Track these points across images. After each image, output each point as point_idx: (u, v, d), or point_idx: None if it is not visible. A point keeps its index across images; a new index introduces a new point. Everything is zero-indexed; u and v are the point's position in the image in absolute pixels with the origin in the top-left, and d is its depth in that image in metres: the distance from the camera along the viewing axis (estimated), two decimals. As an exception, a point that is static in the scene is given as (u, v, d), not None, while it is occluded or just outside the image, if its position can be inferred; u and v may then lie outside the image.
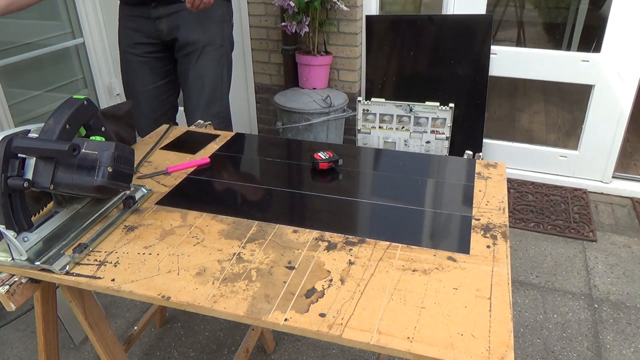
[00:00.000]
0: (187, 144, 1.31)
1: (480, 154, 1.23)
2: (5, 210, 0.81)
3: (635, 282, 1.98)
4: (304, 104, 2.61)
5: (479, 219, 0.96)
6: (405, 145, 2.63)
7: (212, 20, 1.77)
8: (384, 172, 1.14)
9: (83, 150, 0.85)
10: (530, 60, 2.52)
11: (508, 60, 2.53)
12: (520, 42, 3.80)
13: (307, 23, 2.49)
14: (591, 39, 2.67)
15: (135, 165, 1.08)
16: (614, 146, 2.54)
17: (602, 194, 2.62)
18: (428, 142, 2.59)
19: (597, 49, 2.42)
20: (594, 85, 2.47)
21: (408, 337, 0.69)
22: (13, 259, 0.84)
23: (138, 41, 1.76)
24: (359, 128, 2.68)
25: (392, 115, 2.59)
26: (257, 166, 1.20)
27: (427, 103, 2.51)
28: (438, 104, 2.49)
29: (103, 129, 0.96)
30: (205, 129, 1.42)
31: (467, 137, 2.61)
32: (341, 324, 0.70)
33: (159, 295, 0.77)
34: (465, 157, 1.22)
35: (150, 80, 1.83)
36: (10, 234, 0.83)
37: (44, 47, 2.97)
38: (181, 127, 1.42)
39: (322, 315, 0.72)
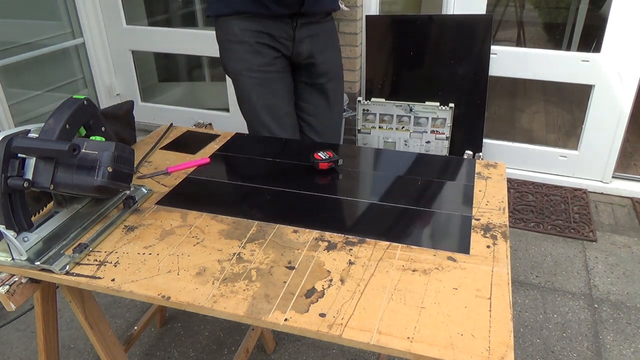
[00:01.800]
0: (187, 144, 1.31)
1: (480, 154, 1.23)
2: (5, 210, 0.81)
3: (635, 282, 1.98)
4: (304, 104, 2.61)
5: (479, 219, 0.96)
6: (405, 145, 2.63)
7: (338, 42, 1.69)
8: (384, 172, 1.14)
9: (83, 150, 0.85)
10: (530, 60, 2.52)
11: (508, 60, 2.53)
12: (520, 42, 3.80)
13: (307, 23, 2.48)
14: (591, 39, 2.67)
15: (135, 165, 1.08)
16: (614, 146, 2.54)
17: (602, 194, 2.62)
18: (428, 142, 2.59)
19: (597, 49, 2.42)
20: (594, 85, 2.47)
21: (408, 337, 0.69)
22: (13, 259, 0.84)
23: (274, 56, 1.54)
24: (359, 128, 2.68)
25: (392, 115, 2.59)
26: (257, 166, 1.20)
27: (427, 103, 2.51)
28: (438, 104, 2.49)
29: (103, 129, 0.96)
30: (205, 129, 1.42)
31: (467, 137, 2.61)
32: (341, 324, 0.70)
33: (159, 295, 0.77)
34: (465, 157, 1.22)
35: (289, 98, 1.63)
36: (10, 234, 0.83)
37: (44, 47, 2.97)
38: (181, 127, 1.42)
39: (322, 315, 0.72)
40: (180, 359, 1.69)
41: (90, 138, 0.90)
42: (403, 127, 2.60)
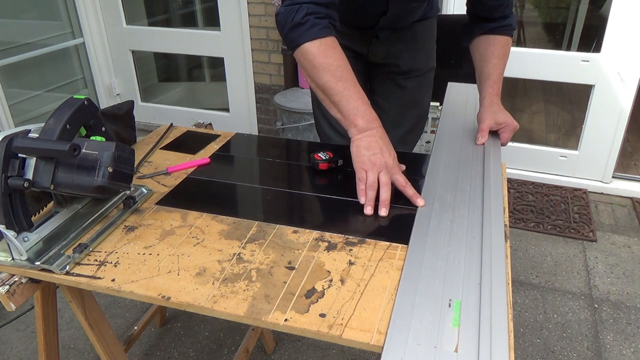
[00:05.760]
0: (187, 144, 1.31)
1: (481, 154, 1.23)
2: (6, 210, 0.81)
3: (635, 282, 1.98)
4: (303, 104, 2.61)
5: (479, 219, 0.96)
6: (405, 145, 2.63)
7: (428, 42, 1.56)
8: (384, 172, 1.14)
9: (83, 151, 0.85)
10: (530, 60, 2.52)
11: (508, 60, 2.53)
12: (520, 42, 3.80)
13: (307, 23, 2.48)
14: (591, 39, 2.67)
15: (135, 165, 1.08)
16: (614, 146, 2.54)
17: (602, 194, 2.62)
18: (428, 142, 2.59)
19: (597, 49, 2.42)
20: (594, 85, 2.47)
21: (408, 337, 0.69)
22: (13, 259, 0.84)
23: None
24: (359, 128, 2.67)
25: (392, 115, 2.59)
26: (257, 166, 1.20)
27: (427, 103, 2.51)
28: (438, 104, 2.49)
29: (103, 129, 0.96)
30: (205, 129, 1.42)
31: (467, 137, 2.61)
32: (341, 324, 0.70)
33: (159, 295, 0.77)
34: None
35: None
36: (10, 233, 0.83)
37: (44, 47, 2.98)
38: (181, 127, 1.42)
39: (322, 315, 0.72)
40: (180, 359, 1.69)
41: (91, 138, 0.90)
42: (403, 127, 2.59)
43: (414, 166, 1.17)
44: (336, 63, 1.03)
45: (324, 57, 1.03)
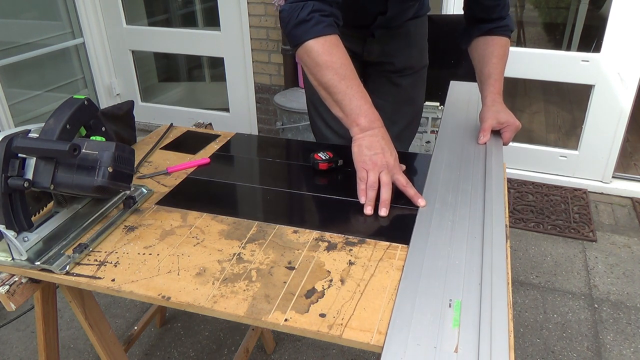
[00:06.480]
0: (187, 144, 1.31)
1: (481, 154, 1.23)
2: (6, 210, 0.81)
3: (635, 282, 1.98)
4: (303, 104, 2.61)
5: (479, 219, 0.96)
6: (405, 145, 2.62)
7: (421, 39, 1.57)
8: (384, 172, 1.14)
9: (83, 151, 0.85)
10: (530, 60, 2.52)
11: (508, 60, 2.53)
12: (520, 42, 3.80)
13: (307, 23, 2.47)
14: (591, 39, 2.67)
15: (135, 165, 1.08)
16: (614, 146, 2.54)
17: (602, 194, 2.62)
18: (428, 142, 2.59)
19: (597, 49, 2.42)
20: (594, 85, 2.47)
21: (408, 337, 0.69)
22: (13, 259, 0.84)
23: None
24: (359, 128, 2.67)
25: (392, 115, 2.58)
26: (257, 166, 1.20)
27: (427, 103, 2.51)
28: (438, 104, 2.49)
29: (103, 129, 0.96)
30: (205, 129, 1.42)
31: (467, 137, 2.60)
32: (341, 324, 0.70)
33: (159, 295, 0.77)
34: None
35: None
36: (10, 233, 0.83)
37: (44, 47, 2.98)
38: (181, 127, 1.42)
39: (322, 315, 0.72)
40: (180, 359, 1.69)
41: (91, 138, 0.90)
42: (403, 127, 2.59)
43: (415, 166, 1.17)
44: (340, 61, 1.03)
45: (328, 55, 1.03)
